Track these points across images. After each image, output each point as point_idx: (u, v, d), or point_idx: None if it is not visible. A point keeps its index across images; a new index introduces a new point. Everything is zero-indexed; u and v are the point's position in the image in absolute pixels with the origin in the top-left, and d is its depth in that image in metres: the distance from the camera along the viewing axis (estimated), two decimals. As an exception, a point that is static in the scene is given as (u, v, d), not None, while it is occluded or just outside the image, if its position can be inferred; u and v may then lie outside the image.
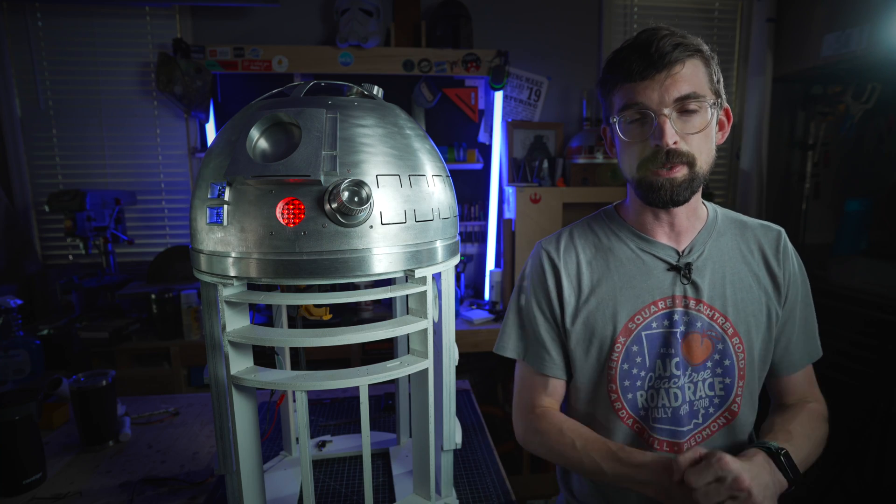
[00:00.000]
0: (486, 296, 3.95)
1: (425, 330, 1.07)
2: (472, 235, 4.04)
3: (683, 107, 1.30)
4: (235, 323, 0.99)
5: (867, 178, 4.19)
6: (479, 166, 3.86)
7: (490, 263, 3.98)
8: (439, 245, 1.03)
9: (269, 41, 3.69)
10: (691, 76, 1.30)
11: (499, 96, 3.83)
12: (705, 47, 1.34)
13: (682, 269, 1.44)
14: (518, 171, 3.88)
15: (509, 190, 3.72)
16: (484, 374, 3.94)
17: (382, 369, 1.02)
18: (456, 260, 1.12)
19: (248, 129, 0.93)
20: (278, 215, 0.88)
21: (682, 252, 1.46)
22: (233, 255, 0.91)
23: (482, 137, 3.97)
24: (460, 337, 3.30)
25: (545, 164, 3.78)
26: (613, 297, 1.45)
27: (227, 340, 0.97)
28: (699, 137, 1.32)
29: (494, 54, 3.67)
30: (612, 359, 1.43)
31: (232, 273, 0.92)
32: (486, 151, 3.96)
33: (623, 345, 1.43)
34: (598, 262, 1.50)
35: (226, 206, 0.90)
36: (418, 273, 1.00)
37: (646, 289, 1.45)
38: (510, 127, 3.93)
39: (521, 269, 1.69)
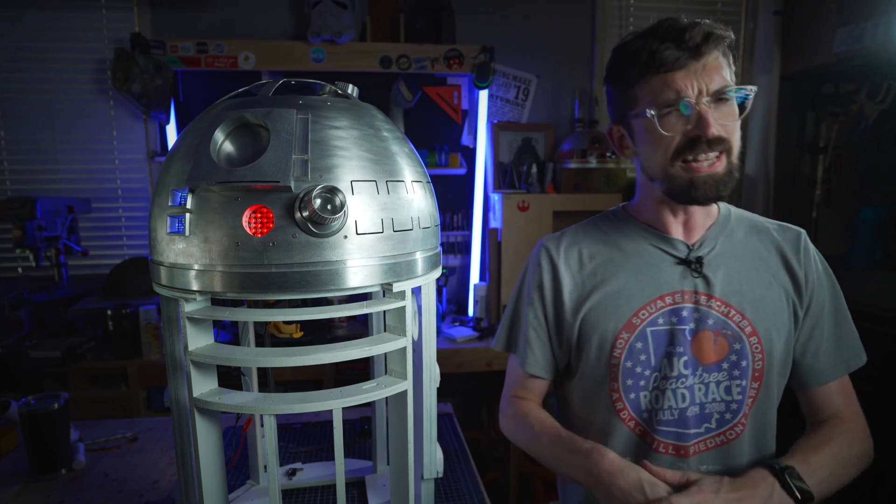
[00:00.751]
0: (470, 311, 3.95)
1: (404, 349, 1.07)
2: (454, 246, 4.05)
3: (719, 96, 1.33)
4: (198, 341, 0.99)
5: (883, 183, 4.18)
6: (462, 171, 3.87)
7: (474, 276, 3.99)
8: (419, 257, 1.04)
9: (235, 36, 3.70)
10: (721, 66, 1.34)
11: (483, 96, 3.85)
12: (730, 34, 1.37)
13: (692, 263, 1.47)
14: (504, 177, 3.89)
15: (495, 197, 3.73)
16: (468, 397, 3.94)
17: (358, 391, 1.02)
18: (437, 273, 1.13)
19: (212, 132, 0.92)
20: (245, 224, 0.88)
21: (693, 246, 1.49)
22: (195, 267, 0.91)
23: (466, 140, 3.98)
24: (442, 356, 3.30)
25: (534, 169, 3.80)
26: (617, 291, 1.48)
27: (190, 360, 0.97)
28: (732, 126, 1.36)
29: (479, 50, 3.69)
30: (614, 355, 1.45)
31: (194, 287, 0.92)
32: (469, 155, 3.98)
33: (626, 341, 1.45)
34: (603, 256, 1.54)
35: (188, 215, 0.90)
36: (396, 287, 1.01)
37: (652, 283, 1.47)
38: (496, 129, 3.95)
39: (509, 289, 1.73)
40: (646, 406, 1.45)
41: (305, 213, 0.87)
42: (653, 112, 1.35)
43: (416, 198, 1.03)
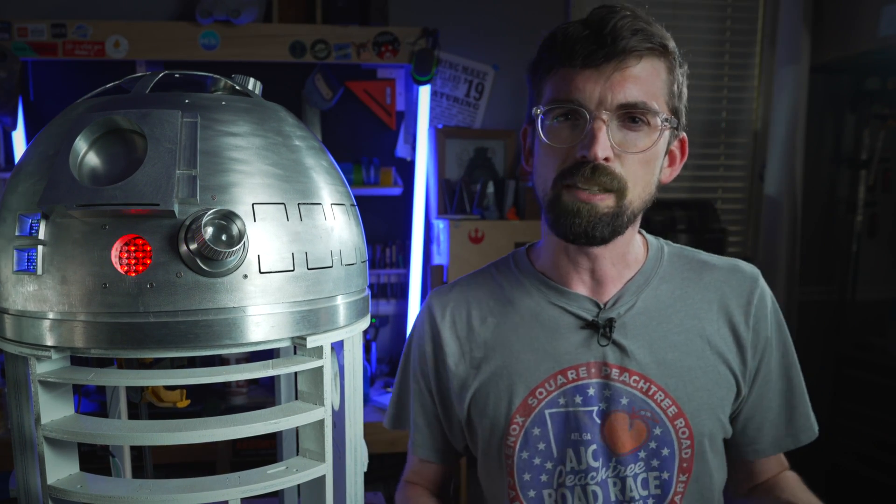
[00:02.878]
0: (409, 373, 3.95)
1: (321, 422, 1.07)
2: (387, 288, 4.06)
3: (629, 115, 1.34)
4: (54, 412, 0.98)
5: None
6: (397, 191, 3.90)
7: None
8: (341, 302, 1.05)
9: (102, 15, 3.68)
10: (647, 79, 1.34)
11: (425, 93, 3.87)
12: (673, 45, 1.38)
13: (601, 327, 1.47)
14: (452, 199, 3.92)
15: (440, 225, 3.76)
16: (405, 485, 3.93)
17: (261, 477, 1.01)
18: (365, 323, 1.13)
19: (73, 140, 0.92)
20: (114, 260, 0.87)
21: (605, 305, 1.50)
22: (50, 315, 0.90)
23: (401, 151, 4.01)
24: (371, 432, 3.28)
25: (490, 189, 3.83)
26: (510, 364, 1.50)
27: (43, 436, 0.96)
28: (638, 161, 1.36)
29: (419, 34, 3.73)
30: (507, 444, 1.48)
31: (49, 341, 0.91)
32: (406, 170, 4.00)
33: (521, 427, 1.47)
34: (495, 319, 1.55)
35: (40, 248, 0.89)
36: (311, 342, 1.01)
37: (551, 353, 1.48)
38: (441, 136, 3.97)
39: None
40: None
41: (193, 246, 0.86)
42: (539, 111, 1.39)
43: (336, 225, 1.04)
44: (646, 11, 1.39)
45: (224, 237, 0.87)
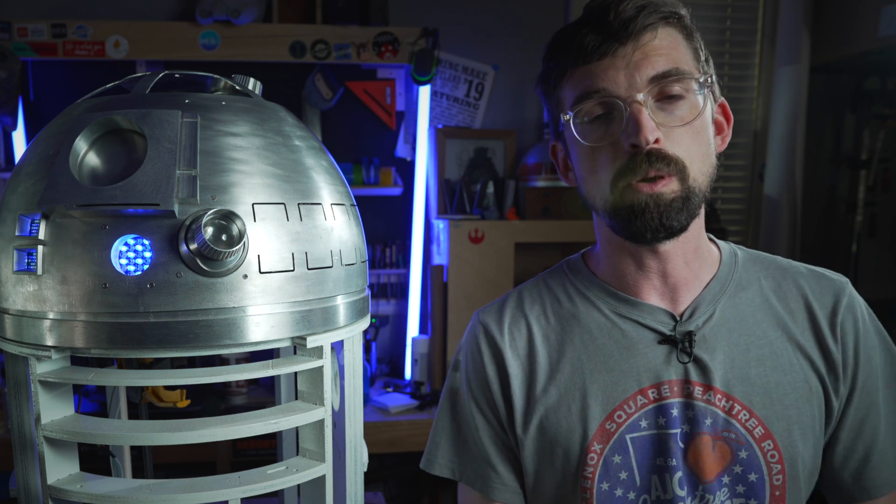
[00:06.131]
0: (408, 374, 3.96)
1: (321, 422, 1.07)
2: (387, 288, 4.06)
3: (663, 90, 1.26)
4: (54, 412, 0.98)
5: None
6: (397, 191, 3.89)
7: (413, 328, 4.00)
8: (341, 302, 1.05)
9: (102, 15, 3.68)
10: (669, 47, 1.27)
11: (425, 93, 3.88)
12: (685, 12, 1.32)
13: (679, 342, 1.36)
14: (452, 199, 3.92)
15: (440, 225, 3.76)
16: (405, 484, 3.93)
17: (261, 477, 1.01)
18: (365, 323, 1.13)
19: (73, 140, 0.92)
20: (114, 260, 0.87)
21: (681, 316, 1.39)
22: (50, 316, 0.90)
23: (401, 151, 4.01)
24: (371, 431, 3.29)
25: (490, 189, 3.83)
26: (582, 385, 1.39)
27: (43, 436, 0.96)
28: (689, 133, 1.28)
29: (419, 34, 3.72)
30: (584, 475, 1.36)
31: (49, 341, 0.91)
32: (406, 170, 4.00)
33: (599, 455, 1.35)
34: (559, 336, 1.44)
35: (41, 248, 0.89)
36: (311, 342, 1.01)
37: (628, 372, 1.37)
38: (441, 136, 3.97)
39: (457, 344, 1.64)
40: None
41: (193, 246, 0.86)
42: (569, 116, 1.31)
43: (336, 225, 1.04)
44: None
45: (224, 237, 0.87)
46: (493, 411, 1.46)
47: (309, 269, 0.98)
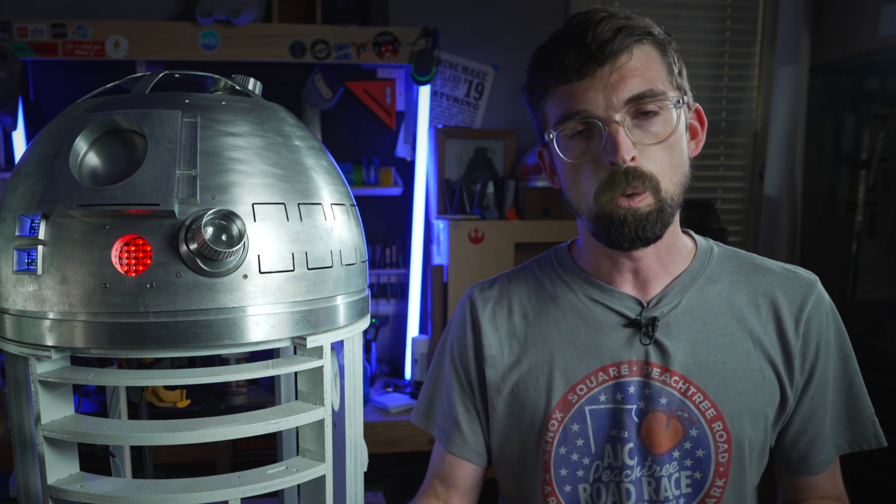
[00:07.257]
0: (408, 374, 3.96)
1: (321, 422, 1.07)
2: (387, 288, 4.05)
3: (639, 108, 1.34)
4: (54, 412, 0.98)
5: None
6: (397, 191, 3.89)
7: (413, 328, 4.00)
8: (341, 302, 1.04)
9: (102, 15, 3.68)
10: (644, 67, 1.34)
11: (425, 93, 3.87)
12: (657, 29, 1.39)
13: (643, 326, 1.47)
14: (452, 199, 3.92)
15: (440, 225, 3.75)
16: (405, 484, 3.93)
17: (261, 477, 1.01)
18: (365, 323, 1.13)
19: (73, 140, 0.92)
20: (114, 260, 0.87)
21: (648, 303, 1.51)
22: (50, 316, 0.90)
23: (401, 151, 4.01)
24: (371, 432, 3.29)
25: (490, 189, 3.83)
26: (550, 359, 1.50)
27: (43, 436, 0.96)
28: (661, 150, 1.36)
29: (419, 34, 3.72)
30: (545, 440, 1.48)
31: (49, 341, 0.91)
32: (406, 170, 4.00)
33: (560, 422, 1.47)
34: (537, 314, 1.56)
35: (40, 248, 0.89)
36: (311, 341, 1.01)
37: (593, 350, 1.49)
38: (441, 136, 3.97)
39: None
40: (585, 501, 1.49)
41: (193, 246, 0.86)
42: (553, 134, 1.40)
43: (336, 225, 1.04)
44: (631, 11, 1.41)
45: (224, 237, 0.87)
46: (465, 374, 1.59)
47: (309, 269, 0.98)
